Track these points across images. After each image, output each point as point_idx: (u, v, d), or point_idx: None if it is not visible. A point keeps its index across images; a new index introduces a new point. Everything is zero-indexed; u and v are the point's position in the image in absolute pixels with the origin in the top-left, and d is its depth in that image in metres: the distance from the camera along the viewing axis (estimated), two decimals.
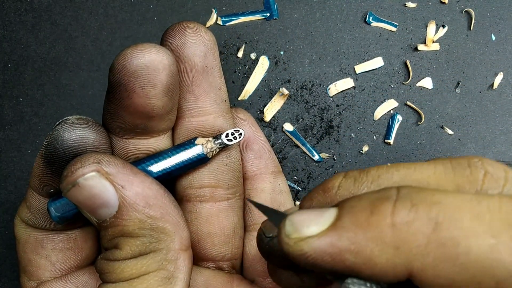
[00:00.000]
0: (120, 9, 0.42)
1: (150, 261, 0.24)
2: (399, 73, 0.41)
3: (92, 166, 0.23)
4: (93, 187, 0.23)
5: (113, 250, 0.24)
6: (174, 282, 0.24)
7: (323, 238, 0.17)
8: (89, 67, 0.41)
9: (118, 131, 0.26)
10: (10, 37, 0.41)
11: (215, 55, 0.27)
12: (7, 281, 0.40)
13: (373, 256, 0.17)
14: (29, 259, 0.28)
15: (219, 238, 0.30)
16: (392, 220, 0.16)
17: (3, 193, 0.40)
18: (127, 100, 0.24)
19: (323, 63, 0.41)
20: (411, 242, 0.16)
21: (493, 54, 0.41)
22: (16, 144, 0.41)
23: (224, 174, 0.29)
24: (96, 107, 0.41)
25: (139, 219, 0.24)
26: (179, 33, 0.26)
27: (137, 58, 0.23)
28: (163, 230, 0.24)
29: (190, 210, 0.29)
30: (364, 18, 0.41)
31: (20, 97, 0.41)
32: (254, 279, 0.31)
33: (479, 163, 0.19)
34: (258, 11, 0.41)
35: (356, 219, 0.17)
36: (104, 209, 0.24)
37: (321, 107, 0.41)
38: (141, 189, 0.24)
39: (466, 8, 0.41)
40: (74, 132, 0.25)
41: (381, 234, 0.16)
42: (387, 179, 0.20)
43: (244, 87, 0.41)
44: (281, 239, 0.19)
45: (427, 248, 0.16)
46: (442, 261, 0.16)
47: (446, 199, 0.16)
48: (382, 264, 0.17)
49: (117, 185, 0.23)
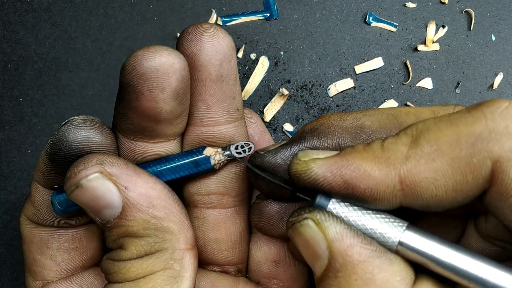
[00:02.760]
0: (120, 9, 0.42)
1: (156, 260, 0.24)
2: (399, 73, 0.41)
3: (95, 168, 0.23)
4: (96, 188, 0.23)
5: (118, 251, 0.24)
6: (181, 281, 0.24)
7: (329, 159, 0.22)
8: (89, 67, 0.41)
9: (127, 132, 0.26)
10: (10, 38, 0.41)
11: (232, 63, 0.26)
12: (7, 281, 0.40)
13: (368, 169, 0.21)
14: (34, 258, 0.28)
15: (226, 244, 0.29)
16: (382, 144, 0.21)
17: (3, 193, 0.40)
18: (135, 102, 0.24)
19: (323, 64, 0.41)
20: (396, 152, 0.21)
21: (493, 55, 0.41)
22: (16, 144, 0.41)
23: (232, 182, 0.29)
24: (96, 107, 0.41)
25: (143, 219, 0.24)
26: (195, 38, 0.25)
27: (148, 60, 0.23)
28: (168, 229, 0.24)
29: (197, 216, 0.29)
30: (364, 19, 0.41)
31: (20, 97, 0.41)
32: (259, 281, 0.31)
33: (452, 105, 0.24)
34: (258, 12, 0.41)
35: (356, 148, 0.22)
36: (108, 210, 0.24)
37: (321, 107, 0.41)
38: (144, 190, 0.24)
39: (466, 9, 0.41)
40: (79, 133, 0.24)
41: (374, 154, 0.21)
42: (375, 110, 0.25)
43: (244, 87, 0.41)
44: (292, 161, 0.23)
45: (409, 152, 0.20)
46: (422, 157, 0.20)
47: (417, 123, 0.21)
48: (375, 174, 0.21)
49: (121, 186, 0.23)
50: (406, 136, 0.21)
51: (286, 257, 0.30)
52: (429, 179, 0.20)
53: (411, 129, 0.21)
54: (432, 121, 0.21)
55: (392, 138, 0.21)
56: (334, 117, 0.25)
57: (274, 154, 0.25)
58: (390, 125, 0.24)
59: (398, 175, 0.20)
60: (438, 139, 0.20)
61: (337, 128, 0.25)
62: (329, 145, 0.24)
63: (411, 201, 0.21)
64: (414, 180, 0.20)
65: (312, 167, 0.22)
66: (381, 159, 0.21)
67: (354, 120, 0.25)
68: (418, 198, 0.21)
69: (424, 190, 0.20)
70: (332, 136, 0.24)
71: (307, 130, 0.25)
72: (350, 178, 0.21)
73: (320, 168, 0.22)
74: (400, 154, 0.20)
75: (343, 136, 0.24)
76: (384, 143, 0.21)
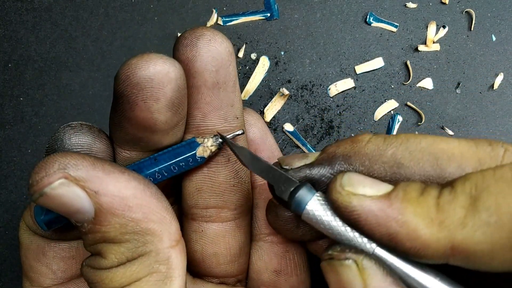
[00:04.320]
0: (120, 9, 0.42)
1: (139, 266, 0.22)
2: (399, 73, 0.41)
3: (58, 174, 0.21)
4: (63, 195, 0.21)
5: (98, 258, 0.23)
6: (170, 282, 0.22)
7: (375, 201, 0.20)
8: (89, 67, 0.41)
9: (122, 142, 0.25)
10: (10, 37, 0.41)
11: (230, 68, 0.25)
12: (7, 281, 0.40)
13: (418, 229, 0.19)
14: (31, 265, 0.28)
15: (225, 258, 0.28)
16: (437, 201, 0.19)
17: (3, 193, 0.40)
18: (129, 112, 0.23)
19: (323, 64, 0.41)
20: (452, 216, 0.18)
21: (493, 55, 0.41)
22: (17, 144, 0.41)
23: (231, 195, 0.27)
24: (96, 107, 0.41)
25: (120, 223, 0.22)
26: (191, 43, 0.24)
27: (142, 69, 0.21)
28: (149, 231, 0.22)
29: (196, 230, 0.28)
30: (365, 19, 0.41)
31: (21, 97, 0.41)
32: None
33: (500, 143, 0.21)
34: (259, 11, 0.41)
35: (408, 195, 0.19)
36: (79, 215, 0.22)
37: (321, 107, 0.41)
38: (117, 190, 0.21)
39: (467, 9, 0.41)
40: (74, 136, 0.24)
41: (427, 211, 0.19)
42: (415, 143, 0.22)
43: (244, 87, 0.41)
44: (334, 187, 0.21)
45: (466, 219, 0.18)
46: (480, 226, 0.18)
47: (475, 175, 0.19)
48: (425, 237, 0.19)
49: (90, 191, 0.21)
50: (464, 196, 0.19)
51: (288, 267, 0.29)
52: (485, 252, 0.18)
53: (469, 184, 0.19)
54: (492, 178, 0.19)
55: (449, 195, 0.19)
56: (371, 147, 0.22)
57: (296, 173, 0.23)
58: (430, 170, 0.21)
59: (452, 242, 0.18)
60: (500, 207, 0.18)
61: (373, 162, 0.22)
62: None
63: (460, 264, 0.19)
64: (468, 250, 0.18)
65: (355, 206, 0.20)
66: (435, 221, 0.19)
67: (393, 155, 0.22)
68: (469, 264, 0.19)
69: (477, 260, 0.18)
70: (367, 169, 0.22)
71: (339, 155, 0.23)
72: (396, 233, 0.19)
73: (364, 210, 0.20)
74: (457, 220, 0.18)
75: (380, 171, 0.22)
76: (440, 201, 0.19)
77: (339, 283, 0.20)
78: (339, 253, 0.20)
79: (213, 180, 0.27)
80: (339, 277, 0.20)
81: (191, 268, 0.29)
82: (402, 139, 0.22)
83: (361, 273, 0.20)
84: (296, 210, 0.22)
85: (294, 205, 0.22)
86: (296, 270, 0.29)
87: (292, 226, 0.26)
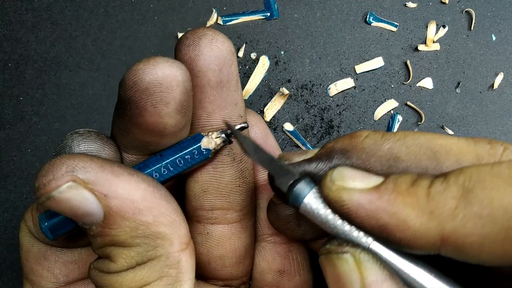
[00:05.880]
0: (120, 9, 0.42)
1: (149, 271, 0.21)
2: (399, 73, 0.41)
3: (66, 177, 0.20)
4: (71, 199, 0.20)
5: (107, 261, 0.22)
6: (180, 286, 0.22)
7: (365, 194, 0.20)
8: (89, 66, 0.41)
9: (128, 147, 0.25)
10: (10, 37, 0.41)
11: (232, 68, 0.25)
12: (7, 281, 0.40)
13: (408, 219, 0.19)
14: (32, 268, 0.27)
15: (231, 260, 0.28)
16: (428, 191, 0.19)
17: (3, 192, 0.40)
18: (138, 118, 0.22)
19: (323, 63, 0.41)
20: (443, 206, 0.18)
21: (493, 54, 0.41)
22: (16, 144, 0.41)
23: (236, 196, 0.27)
24: (96, 107, 0.41)
25: (130, 227, 0.21)
26: (193, 43, 0.24)
27: (150, 74, 0.21)
28: (159, 234, 0.22)
29: (201, 232, 0.27)
30: (365, 18, 0.41)
31: (21, 97, 0.41)
32: None
33: (499, 142, 0.21)
34: (259, 11, 0.41)
35: (398, 187, 0.19)
36: (88, 217, 0.21)
37: (321, 107, 0.41)
38: (127, 193, 0.21)
39: (467, 8, 0.41)
40: (83, 143, 0.23)
41: (418, 201, 0.19)
42: (413, 139, 0.22)
43: (244, 87, 0.41)
44: (325, 183, 0.21)
45: (457, 210, 0.18)
46: (471, 218, 0.18)
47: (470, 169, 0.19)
48: (415, 227, 0.18)
49: (99, 194, 0.20)
50: (457, 187, 0.18)
51: (291, 267, 0.29)
52: (475, 244, 0.18)
53: (463, 176, 0.19)
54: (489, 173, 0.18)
55: (441, 184, 0.19)
56: (369, 142, 0.22)
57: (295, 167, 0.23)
58: (427, 163, 0.21)
59: (441, 233, 0.18)
60: (493, 201, 0.18)
61: (370, 155, 0.22)
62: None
63: (450, 255, 0.19)
64: (458, 241, 0.18)
65: (344, 200, 0.20)
66: (425, 211, 0.18)
67: (390, 149, 0.22)
68: (459, 255, 0.19)
69: (467, 251, 0.18)
70: (364, 163, 0.22)
71: (337, 150, 0.23)
72: (386, 224, 0.19)
73: (354, 204, 0.20)
74: (448, 210, 0.18)
75: (376, 165, 0.22)
76: (430, 190, 0.19)
77: (337, 276, 0.20)
78: (336, 247, 0.20)
79: (219, 180, 0.27)
80: (337, 271, 0.20)
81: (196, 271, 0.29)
82: (400, 135, 0.22)
83: (358, 266, 0.20)
84: (294, 203, 0.22)
85: (292, 197, 0.22)
86: (299, 270, 0.29)
87: (292, 225, 0.26)
